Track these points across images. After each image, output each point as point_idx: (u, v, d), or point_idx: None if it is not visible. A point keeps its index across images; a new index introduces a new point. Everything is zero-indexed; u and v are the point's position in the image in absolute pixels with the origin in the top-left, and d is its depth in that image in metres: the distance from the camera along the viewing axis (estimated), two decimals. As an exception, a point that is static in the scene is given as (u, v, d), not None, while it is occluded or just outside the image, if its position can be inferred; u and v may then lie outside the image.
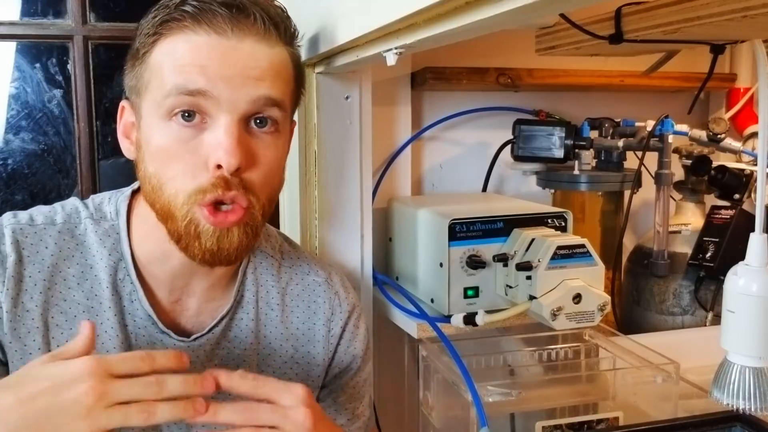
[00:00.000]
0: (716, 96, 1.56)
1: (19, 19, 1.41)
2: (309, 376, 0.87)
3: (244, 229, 0.72)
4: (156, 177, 0.72)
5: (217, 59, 0.69)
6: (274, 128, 0.73)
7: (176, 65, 0.69)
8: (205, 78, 0.68)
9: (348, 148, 1.05)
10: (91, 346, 0.64)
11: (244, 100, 0.70)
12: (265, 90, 0.71)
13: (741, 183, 1.25)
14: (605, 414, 0.94)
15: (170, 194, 0.71)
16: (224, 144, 0.68)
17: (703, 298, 1.22)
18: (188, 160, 0.70)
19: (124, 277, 0.78)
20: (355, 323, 0.91)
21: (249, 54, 0.70)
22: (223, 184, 0.69)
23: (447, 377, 0.94)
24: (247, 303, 0.84)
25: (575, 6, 0.62)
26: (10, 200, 1.44)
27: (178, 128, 0.70)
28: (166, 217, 0.72)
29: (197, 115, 0.70)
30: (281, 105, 0.73)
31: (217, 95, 0.69)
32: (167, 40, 0.71)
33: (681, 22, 0.75)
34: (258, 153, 0.72)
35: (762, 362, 0.70)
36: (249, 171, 0.72)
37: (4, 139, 1.43)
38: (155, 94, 0.71)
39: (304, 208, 1.05)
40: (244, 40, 0.70)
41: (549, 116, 1.40)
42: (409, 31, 0.66)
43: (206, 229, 0.71)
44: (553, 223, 1.03)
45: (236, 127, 0.70)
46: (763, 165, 0.69)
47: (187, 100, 0.69)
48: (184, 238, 0.72)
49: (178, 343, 0.79)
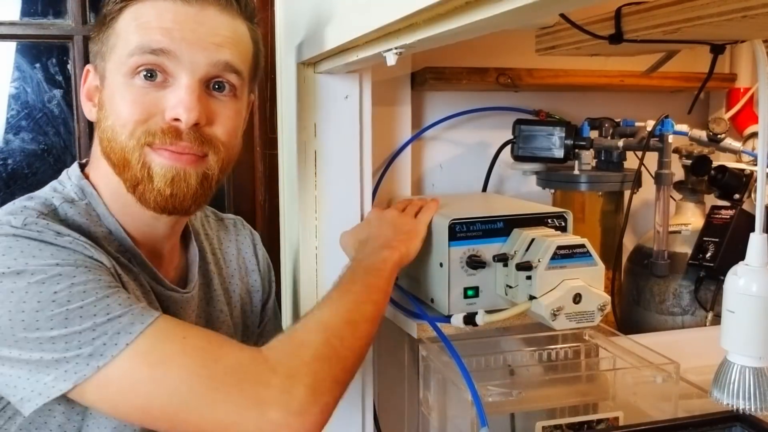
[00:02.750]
0: (716, 96, 1.56)
1: (19, 19, 1.41)
2: (253, 303, 1.00)
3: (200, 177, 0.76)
4: (111, 128, 0.75)
5: (181, 23, 0.74)
6: (232, 93, 0.78)
7: (141, 27, 0.74)
8: (168, 39, 0.73)
9: (348, 148, 1.05)
10: None
11: (205, 63, 0.74)
12: (225, 55, 0.75)
13: (741, 183, 1.24)
14: (605, 414, 0.94)
15: (123, 140, 0.74)
16: (185, 100, 0.73)
17: (703, 298, 1.22)
18: (144, 109, 0.73)
19: (117, 248, 0.79)
20: (264, 251, 1.04)
21: (211, 21, 0.76)
22: (174, 133, 0.73)
23: (447, 377, 0.94)
24: (202, 251, 0.93)
25: (575, 6, 0.62)
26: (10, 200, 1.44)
27: (140, 84, 0.73)
28: (123, 166, 0.75)
29: (159, 75, 0.74)
30: (240, 72, 0.78)
31: (179, 55, 0.73)
32: (134, 7, 0.75)
33: (681, 22, 0.75)
34: (217, 113, 0.77)
35: (762, 362, 0.70)
36: (209, 128, 0.76)
37: (4, 139, 1.43)
38: (120, 53, 0.74)
39: (304, 208, 1.04)
40: (207, 8, 0.75)
41: (549, 116, 1.40)
42: (409, 31, 0.66)
43: (160, 167, 0.74)
44: (553, 223, 1.03)
45: (197, 87, 0.74)
46: (763, 165, 0.69)
47: (149, 58, 0.73)
48: (140, 183, 0.74)
49: (185, 296, 0.85)
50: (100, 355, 0.65)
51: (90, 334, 0.65)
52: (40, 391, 0.65)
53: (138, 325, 0.67)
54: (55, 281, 0.66)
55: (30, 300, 0.65)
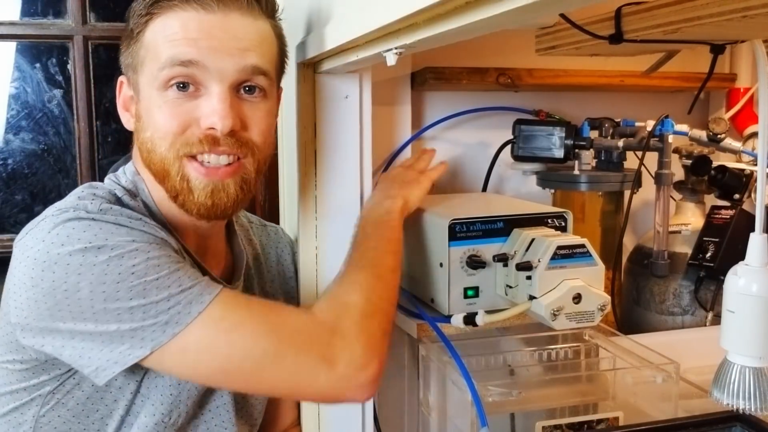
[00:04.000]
0: (716, 96, 1.56)
1: (19, 19, 1.41)
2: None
3: (239, 183, 0.79)
4: (151, 140, 0.77)
5: (206, 32, 0.75)
6: (262, 95, 0.80)
7: (168, 40, 0.75)
8: (195, 49, 0.74)
9: (348, 148, 1.05)
10: None
11: (233, 69, 0.76)
12: (251, 59, 0.77)
13: (741, 183, 1.24)
14: (605, 414, 0.95)
15: (162, 152, 0.76)
16: (218, 109, 0.75)
17: (703, 298, 1.22)
18: (181, 120, 0.76)
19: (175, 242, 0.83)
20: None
21: (235, 27, 0.77)
22: (212, 140, 0.76)
23: (447, 377, 0.94)
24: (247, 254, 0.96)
25: (575, 6, 0.62)
26: (10, 200, 1.44)
27: (174, 96, 0.76)
28: (163, 177, 0.78)
29: (191, 86, 0.76)
30: (267, 73, 0.80)
31: (207, 65, 0.75)
32: (159, 19, 0.76)
33: (681, 22, 0.75)
34: (250, 116, 0.79)
35: (762, 362, 0.70)
36: (244, 132, 0.78)
37: (4, 139, 1.43)
38: (151, 67, 0.76)
39: (304, 208, 1.04)
40: (230, 14, 0.76)
41: (549, 116, 1.40)
42: (409, 31, 0.66)
43: (198, 182, 0.77)
44: (553, 223, 1.03)
45: (228, 94, 0.76)
46: (763, 165, 0.69)
47: (180, 70, 0.75)
48: (180, 193, 0.78)
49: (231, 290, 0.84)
50: (176, 323, 0.70)
51: (165, 303, 0.71)
52: (116, 359, 0.70)
53: (207, 295, 0.73)
54: (132, 256, 0.71)
55: (111, 272, 0.70)
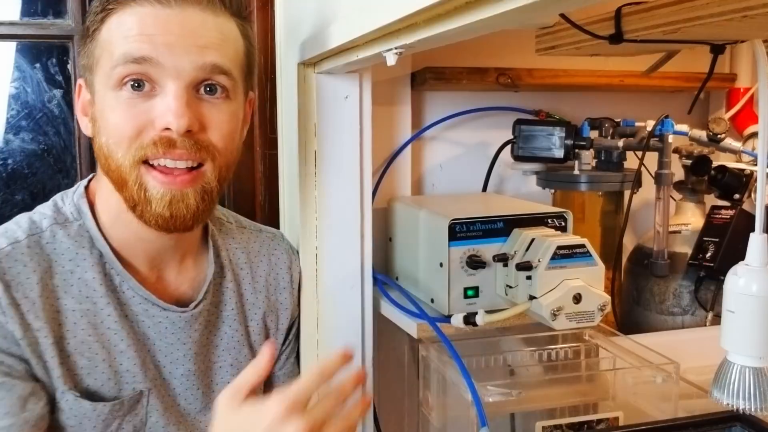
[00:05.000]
0: (716, 96, 1.56)
1: (19, 19, 1.41)
2: (279, 320, 0.97)
3: (200, 194, 0.74)
4: (107, 146, 0.73)
5: (161, 27, 0.71)
6: (224, 95, 0.75)
7: (123, 37, 0.71)
8: (150, 45, 0.70)
9: (348, 148, 1.05)
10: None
11: (190, 67, 0.71)
12: (211, 57, 0.72)
13: (741, 183, 1.24)
14: (605, 414, 0.94)
15: (118, 158, 0.72)
16: (173, 107, 0.70)
17: (703, 298, 1.22)
18: (136, 123, 0.71)
19: (110, 271, 0.79)
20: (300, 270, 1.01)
21: (193, 22, 0.72)
22: (167, 142, 0.71)
23: (447, 377, 0.94)
24: (223, 267, 0.90)
25: (575, 6, 0.62)
26: (10, 200, 1.44)
27: (128, 96, 0.71)
28: (121, 185, 0.74)
29: (146, 84, 0.71)
30: (229, 73, 0.74)
31: (162, 62, 0.70)
32: (114, 16, 0.73)
33: (681, 22, 0.75)
34: (210, 117, 0.74)
35: (762, 362, 0.70)
36: (203, 134, 0.73)
37: (4, 139, 1.43)
38: (105, 66, 0.73)
39: (304, 208, 1.04)
40: (187, 9, 0.72)
41: (549, 116, 1.40)
42: (409, 31, 0.66)
43: (156, 191, 0.72)
44: (553, 223, 1.03)
45: (184, 92, 0.71)
46: (763, 165, 0.69)
47: (134, 68, 0.71)
48: (137, 203, 0.73)
49: (182, 315, 0.83)
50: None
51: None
52: None
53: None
54: None
55: None
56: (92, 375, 0.78)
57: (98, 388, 0.78)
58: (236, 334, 0.90)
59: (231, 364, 0.90)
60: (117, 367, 0.79)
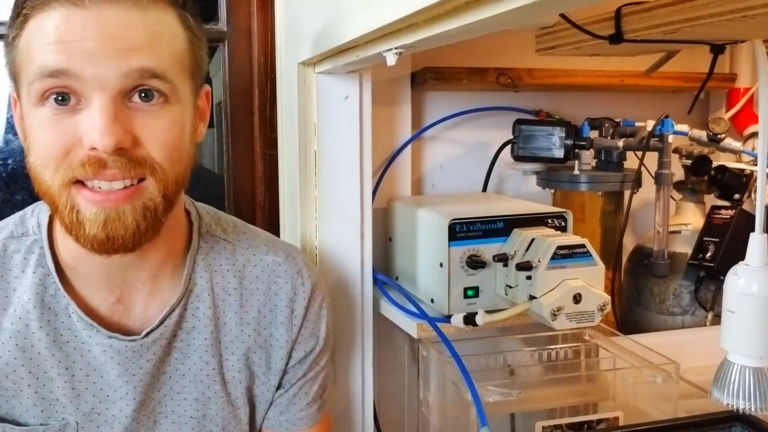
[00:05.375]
0: (716, 96, 1.56)
1: (19, 19, 1.41)
2: (271, 359, 0.84)
3: (141, 211, 0.66)
4: (35, 167, 0.66)
5: (77, 33, 0.62)
6: (162, 101, 0.66)
7: (39, 46, 0.63)
8: (65, 56, 0.62)
9: (348, 148, 1.05)
10: None
11: (115, 75, 0.63)
12: (139, 61, 0.63)
13: (741, 183, 1.24)
14: (605, 414, 0.95)
15: (47, 180, 0.65)
16: (98, 125, 0.62)
17: (703, 298, 1.22)
18: (62, 143, 0.64)
19: (55, 292, 0.73)
20: (320, 304, 0.87)
21: (115, 23, 0.63)
22: (96, 163, 0.63)
23: (447, 377, 0.94)
24: (201, 291, 0.79)
25: (575, 6, 0.62)
26: (10, 200, 1.44)
27: (51, 112, 0.64)
28: (54, 208, 0.67)
29: (72, 98, 0.63)
30: (163, 76, 0.65)
31: (80, 73, 0.62)
32: (31, 21, 0.64)
33: (681, 22, 0.75)
34: (145, 128, 0.65)
35: (762, 362, 0.70)
36: (138, 148, 0.65)
37: (4, 139, 1.43)
38: (25, 79, 0.65)
39: (304, 208, 1.04)
40: (106, 8, 0.62)
41: (549, 116, 1.40)
42: (409, 31, 0.66)
43: (88, 212, 0.65)
44: (553, 223, 1.03)
45: (111, 105, 0.63)
46: (763, 165, 0.69)
47: (52, 82, 0.63)
48: (71, 227, 0.66)
49: (129, 344, 0.74)
50: None
51: None
52: None
53: None
54: None
55: None
56: (17, 398, 0.73)
57: (23, 413, 0.74)
58: (206, 367, 0.80)
59: (196, 398, 0.79)
60: (45, 395, 0.74)
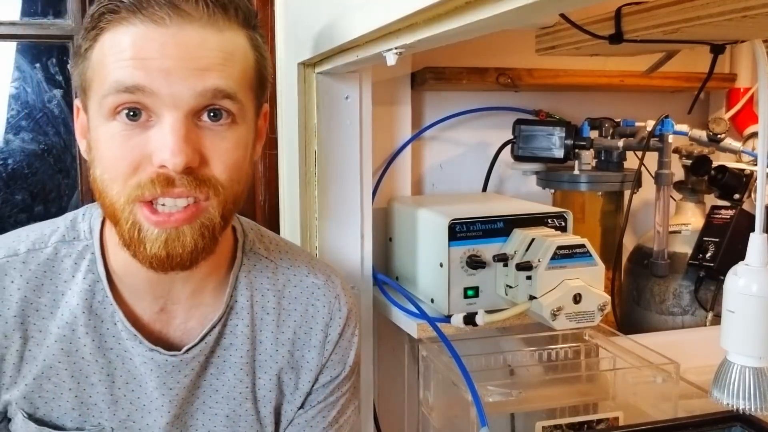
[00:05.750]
0: (716, 96, 1.56)
1: (19, 19, 1.41)
2: (299, 380, 0.84)
3: (199, 230, 0.67)
4: (101, 179, 0.67)
5: (156, 51, 0.63)
6: (230, 120, 0.67)
7: (114, 60, 0.64)
8: (143, 72, 0.63)
9: (348, 148, 1.05)
10: None
11: (189, 95, 0.64)
12: (213, 81, 0.65)
13: (741, 183, 1.24)
14: (605, 414, 0.95)
15: (113, 195, 0.66)
16: (169, 143, 0.63)
17: (703, 298, 1.22)
18: (132, 158, 0.65)
19: (103, 299, 0.74)
20: (353, 330, 0.87)
21: (192, 42, 0.64)
22: (164, 181, 0.64)
23: (447, 377, 0.94)
24: (241, 309, 0.80)
25: (575, 6, 0.62)
26: (10, 200, 1.44)
27: (122, 127, 0.65)
28: (114, 221, 0.68)
29: (143, 113, 0.64)
30: (234, 97, 0.66)
31: (156, 90, 0.63)
32: (107, 35, 0.65)
33: (681, 22, 0.75)
34: (212, 148, 0.66)
35: (762, 362, 0.70)
36: (205, 168, 0.66)
37: (4, 139, 1.43)
38: (97, 92, 0.66)
39: (304, 208, 1.04)
40: (185, 27, 0.64)
41: (549, 116, 1.40)
42: (409, 31, 0.66)
43: (150, 232, 0.66)
44: (553, 223, 1.03)
45: (182, 124, 0.64)
46: (763, 165, 0.69)
47: (126, 97, 0.64)
48: (130, 244, 0.67)
49: (170, 359, 0.75)
50: None
51: None
52: None
53: None
54: None
55: None
56: (56, 401, 0.75)
57: (61, 416, 0.75)
58: (240, 384, 0.80)
59: (227, 414, 0.80)
60: (84, 399, 0.75)
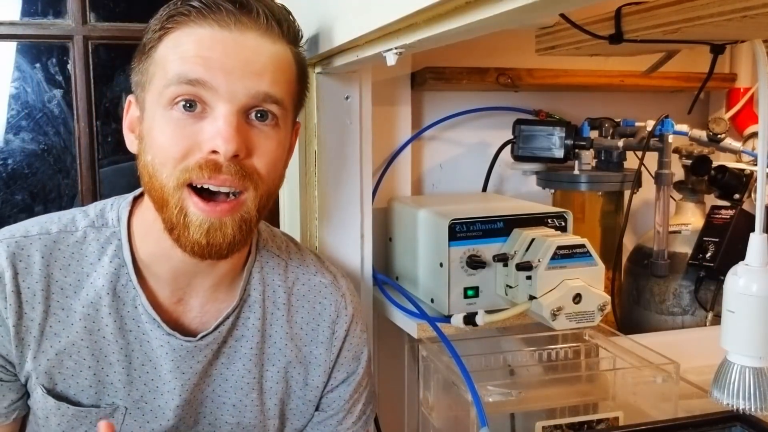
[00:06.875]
0: (716, 96, 1.56)
1: (19, 19, 1.41)
2: (309, 375, 0.89)
3: (238, 223, 0.73)
4: (152, 164, 0.73)
5: (219, 51, 0.71)
6: (273, 122, 0.74)
7: (179, 56, 0.71)
8: (205, 68, 0.70)
9: (348, 148, 1.05)
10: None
11: (243, 93, 0.71)
12: (265, 85, 0.72)
13: (741, 183, 1.25)
14: (605, 414, 0.94)
15: (163, 179, 0.72)
16: (222, 131, 0.70)
17: (703, 298, 1.22)
18: (183, 145, 0.71)
19: (126, 283, 0.79)
20: (361, 328, 0.93)
21: (251, 47, 0.72)
22: (213, 166, 0.70)
23: (447, 377, 0.94)
24: (253, 302, 0.85)
25: (575, 6, 0.62)
26: (10, 200, 1.44)
27: (179, 116, 0.71)
28: (161, 205, 0.73)
29: (198, 105, 0.71)
30: (281, 103, 0.74)
31: (216, 85, 0.70)
32: (173, 35, 0.73)
33: (681, 22, 0.75)
34: (258, 143, 0.73)
35: (762, 362, 0.70)
36: (249, 158, 0.73)
37: (4, 139, 1.43)
38: (158, 84, 0.72)
39: (304, 208, 1.05)
40: (247, 33, 0.72)
41: (549, 116, 1.40)
42: (409, 31, 0.66)
43: (196, 217, 0.71)
44: (553, 223, 1.03)
45: (235, 117, 0.71)
46: (763, 165, 0.69)
47: (187, 89, 0.70)
48: (175, 227, 0.72)
49: (185, 344, 0.80)
50: None
51: None
52: None
53: None
54: None
55: None
56: (75, 378, 0.79)
57: (77, 392, 0.79)
58: (248, 375, 0.85)
59: (234, 404, 0.85)
60: (102, 377, 0.79)
